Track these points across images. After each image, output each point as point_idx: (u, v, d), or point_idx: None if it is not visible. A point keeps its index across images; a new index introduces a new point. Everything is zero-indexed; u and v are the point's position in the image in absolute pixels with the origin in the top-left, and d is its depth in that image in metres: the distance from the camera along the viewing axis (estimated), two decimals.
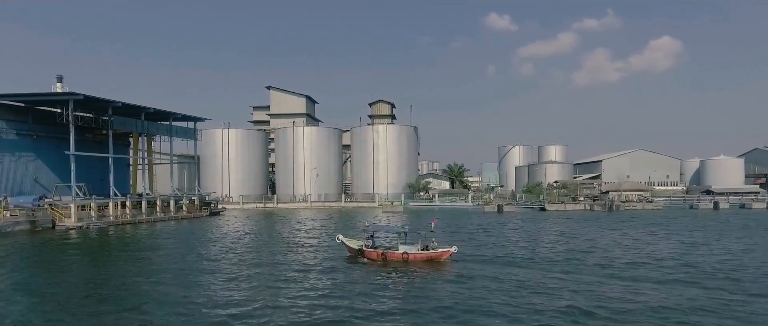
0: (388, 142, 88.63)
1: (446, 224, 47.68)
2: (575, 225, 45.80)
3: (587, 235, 37.01)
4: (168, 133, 61.27)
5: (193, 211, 61.26)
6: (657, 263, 23.91)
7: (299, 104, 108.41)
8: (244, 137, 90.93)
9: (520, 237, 36.49)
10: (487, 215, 61.98)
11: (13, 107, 51.90)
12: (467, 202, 79.37)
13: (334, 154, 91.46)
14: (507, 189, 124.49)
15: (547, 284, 19.21)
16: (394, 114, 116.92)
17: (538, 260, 25.13)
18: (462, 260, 24.35)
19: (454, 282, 19.77)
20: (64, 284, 21.38)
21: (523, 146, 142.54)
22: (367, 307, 16.18)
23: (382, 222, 43.98)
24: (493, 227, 44.73)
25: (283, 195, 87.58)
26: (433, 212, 67.78)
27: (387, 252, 23.63)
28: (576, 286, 18.72)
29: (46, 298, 18.46)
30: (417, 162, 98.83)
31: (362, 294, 17.88)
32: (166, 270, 23.53)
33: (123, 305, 16.96)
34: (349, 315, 15.29)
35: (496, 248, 29.74)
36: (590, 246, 30.39)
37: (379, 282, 19.96)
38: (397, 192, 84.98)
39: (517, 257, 26.23)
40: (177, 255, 28.93)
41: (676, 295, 17.33)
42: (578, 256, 26.27)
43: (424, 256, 23.05)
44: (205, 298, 17.79)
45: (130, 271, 23.70)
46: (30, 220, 44.19)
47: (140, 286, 20.26)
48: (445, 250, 23.34)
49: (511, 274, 21.24)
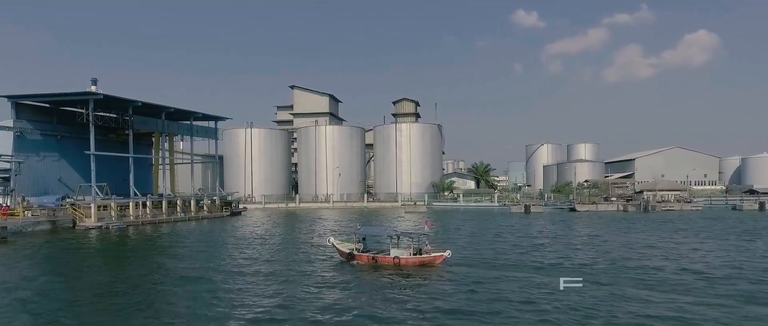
0: (411, 140, 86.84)
1: (469, 226, 45.75)
2: (609, 227, 43.15)
3: (622, 239, 34.49)
4: (189, 133, 61.00)
5: (214, 211, 60.91)
6: (707, 274, 21.33)
7: (322, 103, 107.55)
8: (267, 137, 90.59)
9: (549, 239, 34.28)
10: (513, 216, 59.57)
11: (38, 108, 52.45)
12: (493, 202, 76.92)
13: (356, 153, 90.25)
14: (534, 188, 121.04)
15: (573, 300, 17.18)
16: (418, 112, 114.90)
17: (569, 265, 23.07)
18: (474, 265, 22.94)
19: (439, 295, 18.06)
20: (73, 284, 21.05)
21: (551, 144, 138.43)
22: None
23: (373, 224, 41.43)
24: (518, 229, 42.50)
25: (306, 195, 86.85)
26: (457, 212, 65.83)
27: (378, 256, 22.72)
28: (615, 301, 16.62)
29: (50, 298, 18.15)
30: (441, 161, 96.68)
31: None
32: (170, 272, 22.69)
33: (127, 306, 16.62)
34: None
35: (516, 252, 27.74)
36: (627, 252, 28.02)
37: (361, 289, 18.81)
38: (420, 192, 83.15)
39: (537, 262, 24.37)
40: (184, 257, 28.08)
41: (733, 313, 15.14)
42: (614, 262, 24.08)
43: (416, 261, 22.04)
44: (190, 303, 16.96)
45: (133, 273, 22.83)
46: (50, 220, 44.29)
47: (141, 288, 19.58)
48: (438, 255, 22.22)
49: (514, 281, 19.52)
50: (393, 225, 27.34)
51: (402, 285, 19.51)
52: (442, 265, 22.03)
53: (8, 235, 37.57)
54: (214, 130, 65.07)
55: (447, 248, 23.67)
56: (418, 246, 23.16)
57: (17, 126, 49.79)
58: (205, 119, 62.88)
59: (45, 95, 48.58)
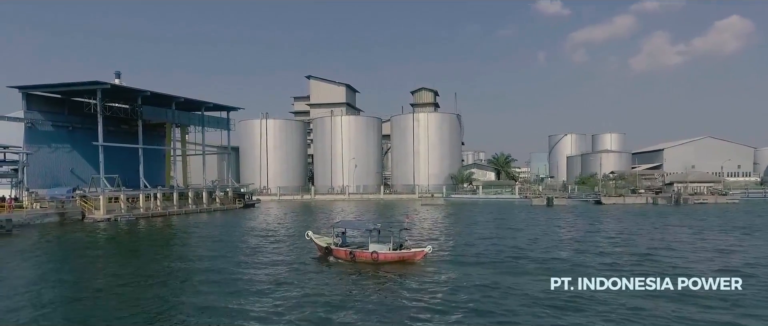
0: (429, 130, 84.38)
1: (485, 219, 43.39)
2: (639, 221, 40.30)
3: (657, 234, 31.76)
4: (200, 123, 59.83)
5: (227, 203, 59.80)
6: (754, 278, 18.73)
7: (339, 93, 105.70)
8: (282, 127, 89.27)
9: (571, 234, 31.78)
10: (534, 208, 56.93)
11: (49, 99, 51.81)
12: (514, 194, 74.18)
13: (373, 144, 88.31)
14: (557, 180, 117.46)
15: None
16: (437, 102, 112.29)
17: (600, 264, 20.71)
18: (461, 263, 21.21)
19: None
20: (63, 279, 20.03)
21: (575, 134, 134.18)
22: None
23: (351, 217, 39.75)
24: (538, 222, 39.96)
25: (321, 187, 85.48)
26: (476, 205, 63.43)
27: (356, 251, 21.53)
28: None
29: (44, 293, 17.43)
30: (460, 152, 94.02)
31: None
32: (163, 268, 21.19)
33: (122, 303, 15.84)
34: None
35: (523, 248, 25.42)
36: (666, 249, 25.41)
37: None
38: (438, 184, 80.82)
39: (542, 259, 22.09)
40: (181, 251, 26.62)
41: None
42: (647, 259, 21.62)
43: (394, 257, 20.88)
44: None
45: (128, 268, 21.36)
46: (59, 212, 43.62)
47: (131, 286, 18.23)
48: (418, 250, 21.12)
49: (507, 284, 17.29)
50: (406, 219, 25.39)
51: (366, 284, 18.15)
52: (423, 262, 20.88)
53: (13, 228, 36.83)
54: (226, 120, 63.73)
55: (428, 244, 22.46)
56: (399, 241, 22.05)
57: (28, 117, 49.20)
58: (216, 109, 61.61)
59: (53, 85, 47.78)
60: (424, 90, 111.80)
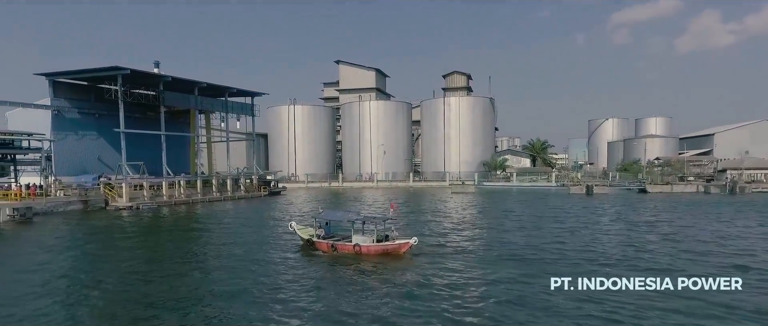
0: (460, 115, 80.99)
1: (518, 208, 40.37)
2: (693, 212, 36.52)
3: (722, 227, 28.20)
4: (224, 109, 58.76)
5: (251, 191, 58.82)
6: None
7: (368, 78, 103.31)
8: (310, 113, 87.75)
9: (615, 226, 28.59)
10: (572, 197, 53.40)
11: (76, 86, 51.69)
12: (550, 182, 70.38)
13: (402, 130, 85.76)
14: (597, 167, 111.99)
15: None
16: (470, 86, 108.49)
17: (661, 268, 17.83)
18: (446, 256, 19.45)
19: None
20: (67, 269, 19.50)
21: (617, 119, 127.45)
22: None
23: (340, 208, 37.50)
24: (576, 212, 36.69)
25: (349, 174, 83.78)
26: (509, 193, 60.29)
27: (338, 243, 20.77)
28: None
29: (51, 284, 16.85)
30: (493, 137, 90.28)
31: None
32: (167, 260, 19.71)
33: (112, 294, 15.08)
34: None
35: (570, 241, 22.56)
36: (735, 246, 22.13)
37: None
38: (470, 171, 77.65)
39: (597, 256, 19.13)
40: (184, 240, 25.17)
41: None
42: (712, 255, 18.55)
43: (378, 249, 19.92)
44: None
45: (135, 256, 19.99)
46: (82, 200, 43.41)
47: (129, 277, 17.07)
48: (403, 242, 19.98)
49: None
50: (391, 208, 24.07)
51: (340, 278, 16.94)
52: (408, 254, 19.71)
53: (34, 216, 36.60)
54: (250, 105, 62.51)
55: (413, 235, 21.17)
56: (384, 232, 20.91)
57: (55, 105, 49.20)
58: (240, 94, 60.34)
59: (75, 71, 47.45)
60: (457, 74, 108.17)
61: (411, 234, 21.39)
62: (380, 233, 20.79)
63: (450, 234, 27.03)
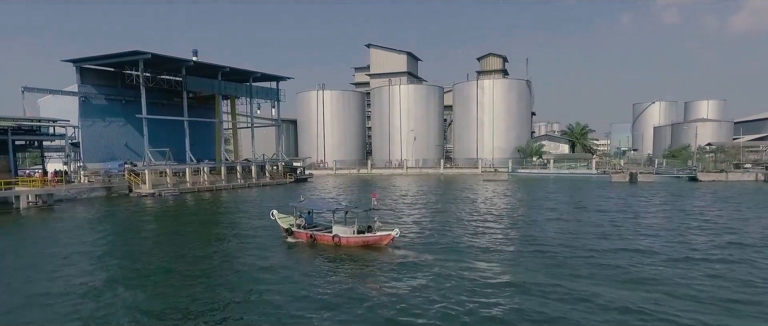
0: (494, 99, 77.33)
1: (554, 197, 37.35)
2: (758, 202, 32.64)
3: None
4: (248, 94, 57.70)
5: (277, 178, 57.81)
6: None
7: (400, 62, 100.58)
8: (340, 99, 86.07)
9: (663, 219, 25.44)
10: (614, 185, 49.71)
11: (102, 72, 51.62)
12: (590, 169, 66.33)
13: (434, 115, 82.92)
14: (642, 153, 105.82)
15: None
16: (506, 69, 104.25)
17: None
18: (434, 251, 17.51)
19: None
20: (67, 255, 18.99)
21: (664, 102, 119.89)
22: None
23: (322, 197, 35.89)
24: (617, 202, 33.40)
25: (378, 161, 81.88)
26: (546, 181, 56.97)
27: (317, 234, 19.96)
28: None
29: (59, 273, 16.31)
30: (530, 122, 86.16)
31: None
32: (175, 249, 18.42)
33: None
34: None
35: (608, 237, 19.77)
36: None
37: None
38: (504, 158, 74.25)
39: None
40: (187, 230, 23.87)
41: None
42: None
43: (358, 241, 19.00)
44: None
45: (129, 251, 18.82)
46: (105, 187, 43.30)
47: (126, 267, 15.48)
48: (384, 234, 19.00)
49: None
50: (373, 198, 21.57)
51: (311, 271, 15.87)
52: (390, 246, 18.70)
53: (55, 203, 36.51)
54: (275, 90, 61.25)
55: (395, 226, 20.31)
56: (366, 222, 19.90)
57: (82, 91, 49.22)
58: (264, 79, 59.14)
59: (98, 57, 47.11)
60: (492, 56, 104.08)
61: (426, 223, 19.35)
62: (361, 224, 19.80)
63: (455, 224, 24.94)
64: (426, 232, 22.74)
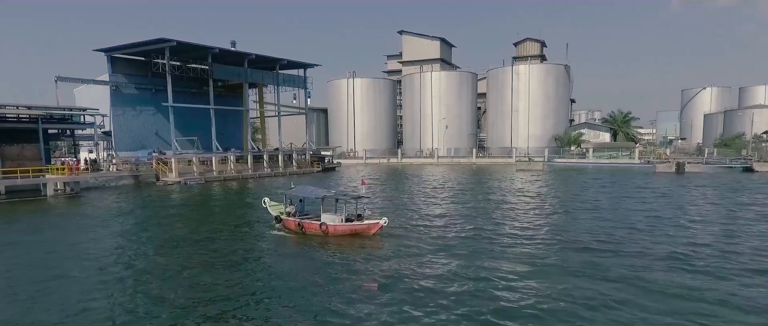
0: (530, 85, 74.04)
1: (590, 188, 34.79)
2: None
3: None
4: (275, 82, 57.01)
5: (304, 167, 57.10)
6: None
7: (433, 48, 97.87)
8: (370, 86, 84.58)
9: (714, 213, 22.81)
10: (659, 176, 46.40)
11: (133, 62, 52.00)
12: (633, 159, 62.53)
13: (466, 103, 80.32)
14: (690, 142, 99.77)
15: None
16: (544, 55, 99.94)
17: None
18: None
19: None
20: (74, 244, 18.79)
21: (716, 88, 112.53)
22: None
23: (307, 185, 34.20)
24: (661, 194, 30.62)
25: (409, 150, 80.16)
26: (584, 171, 53.96)
27: (305, 222, 19.62)
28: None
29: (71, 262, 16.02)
30: (568, 109, 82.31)
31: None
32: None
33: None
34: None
35: (649, 234, 17.53)
36: None
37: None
38: (540, 146, 71.13)
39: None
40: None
41: None
42: None
43: (345, 229, 18.67)
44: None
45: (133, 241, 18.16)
46: (133, 175, 43.56)
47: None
48: (372, 222, 18.73)
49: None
50: (362, 184, 21.39)
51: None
52: (379, 235, 18.37)
53: (81, 191, 36.81)
54: (303, 78, 60.36)
55: (384, 215, 19.67)
56: (356, 211, 19.69)
57: (113, 80, 49.73)
58: (291, 67, 58.29)
59: (126, 46, 47.27)
60: (529, 41, 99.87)
61: (446, 213, 17.86)
62: (350, 212, 19.49)
63: (473, 215, 23.01)
64: (438, 223, 21.26)
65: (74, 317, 10.96)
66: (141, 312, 11.23)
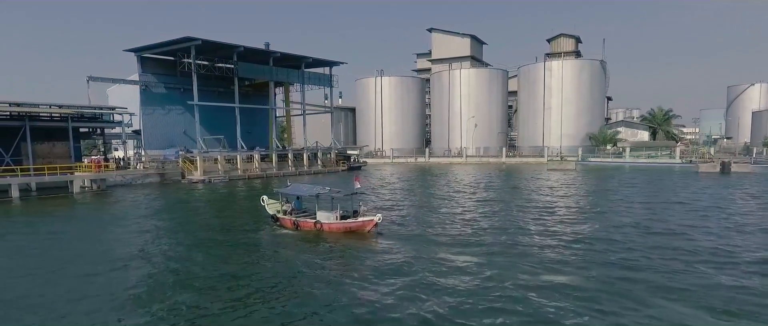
0: (563, 81, 71.36)
1: (626, 190, 32.74)
2: None
3: None
4: (300, 80, 56.78)
5: (329, 165, 56.65)
6: None
7: (463, 46, 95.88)
8: (398, 85, 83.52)
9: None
10: (702, 176, 43.62)
11: (162, 61, 52.74)
12: (673, 158, 59.30)
13: (496, 101, 78.19)
14: (736, 142, 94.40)
15: None
16: (579, 51, 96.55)
17: None
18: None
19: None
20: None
21: (766, 84, 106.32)
22: None
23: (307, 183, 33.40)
24: (704, 196, 28.38)
25: (437, 149, 78.69)
26: (620, 171, 51.45)
27: (300, 219, 19.67)
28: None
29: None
30: (603, 107, 79.04)
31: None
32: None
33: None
34: None
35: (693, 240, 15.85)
36: None
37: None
38: (573, 146, 68.47)
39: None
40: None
41: None
42: None
43: (339, 226, 18.58)
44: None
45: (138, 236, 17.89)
46: (159, 173, 44.01)
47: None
48: (366, 220, 18.49)
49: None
50: (356, 182, 20.05)
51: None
52: (373, 232, 18.20)
53: (107, 188, 37.32)
54: (328, 77, 59.93)
55: (378, 212, 19.76)
56: (351, 208, 19.57)
57: (143, 80, 50.54)
58: (316, 65, 57.94)
59: (154, 46, 47.91)
60: (563, 36, 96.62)
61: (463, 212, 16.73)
62: (346, 210, 19.38)
63: (495, 215, 21.59)
64: (451, 223, 20.10)
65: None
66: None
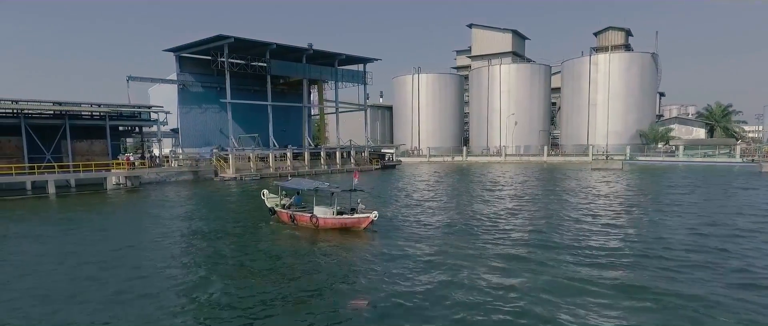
0: (610, 76, 67.52)
1: (676, 191, 29.92)
2: None
3: None
4: (334, 77, 56.24)
5: (362, 164, 55.83)
6: None
7: (504, 41, 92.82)
8: (436, 82, 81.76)
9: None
10: (765, 176, 39.77)
11: (199, 61, 53.52)
12: (733, 157, 54.78)
13: (538, 97, 75.09)
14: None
15: None
16: (629, 44, 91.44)
17: None
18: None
19: None
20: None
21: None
22: None
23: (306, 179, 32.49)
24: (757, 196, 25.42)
25: (476, 148, 76.42)
26: (673, 170, 47.94)
27: (297, 214, 19.55)
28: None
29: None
30: (655, 103, 74.29)
31: None
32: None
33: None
34: None
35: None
36: None
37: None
38: (621, 144, 64.63)
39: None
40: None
41: None
42: None
43: (335, 222, 18.44)
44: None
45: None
46: (192, 171, 44.52)
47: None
48: (363, 216, 18.27)
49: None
50: (355, 178, 19.59)
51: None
52: (369, 229, 18.07)
53: (140, 185, 37.94)
54: (362, 73, 59.09)
55: (375, 209, 19.12)
56: (349, 204, 19.39)
57: (180, 79, 51.44)
58: (349, 62, 57.21)
59: (189, 45, 48.58)
60: (612, 29, 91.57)
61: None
62: (344, 206, 19.33)
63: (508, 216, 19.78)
64: (478, 222, 18.51)
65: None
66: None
